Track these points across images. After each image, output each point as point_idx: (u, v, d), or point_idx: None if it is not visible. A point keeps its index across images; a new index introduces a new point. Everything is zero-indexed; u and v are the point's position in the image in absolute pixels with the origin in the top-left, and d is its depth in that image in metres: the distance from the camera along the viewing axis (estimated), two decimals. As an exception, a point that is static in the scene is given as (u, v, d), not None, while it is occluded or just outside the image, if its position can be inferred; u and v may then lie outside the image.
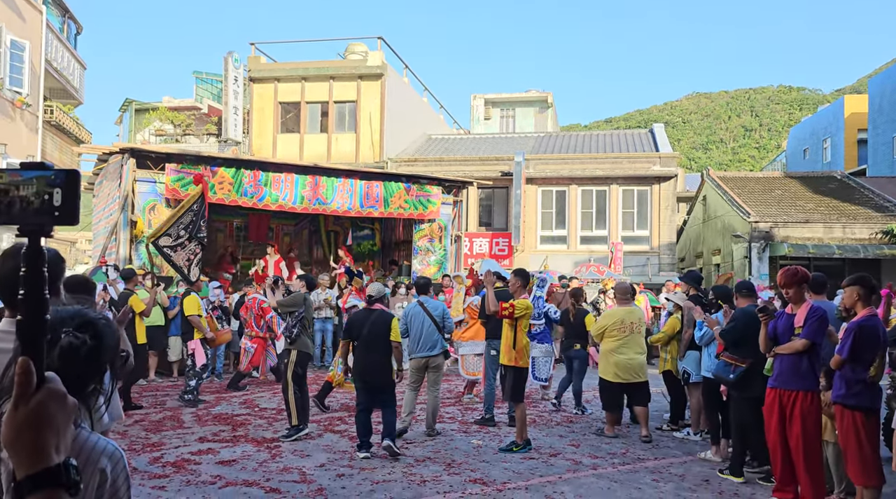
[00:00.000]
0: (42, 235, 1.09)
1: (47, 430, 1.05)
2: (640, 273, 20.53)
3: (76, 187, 1.09)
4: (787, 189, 22.60)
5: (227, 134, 24.69)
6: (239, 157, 16.83)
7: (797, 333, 5.15)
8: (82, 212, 5.03)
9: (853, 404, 4.73)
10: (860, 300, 4.91)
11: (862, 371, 4.76)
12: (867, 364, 4.75)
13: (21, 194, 1.07)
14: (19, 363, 1.04)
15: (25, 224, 1.08)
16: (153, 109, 31.15)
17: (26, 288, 1.07)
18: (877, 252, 18.31)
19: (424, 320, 7.49)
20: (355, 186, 15.06)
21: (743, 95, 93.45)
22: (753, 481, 5.93)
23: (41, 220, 1.08)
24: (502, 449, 6.80)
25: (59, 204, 1.08)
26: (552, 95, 36.94)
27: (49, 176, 1.08)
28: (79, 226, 6.49)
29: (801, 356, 5.08)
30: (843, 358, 4.80)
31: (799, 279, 5.26)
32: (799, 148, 39.49)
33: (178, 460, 6.26)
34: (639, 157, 22.76)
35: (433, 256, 16.19)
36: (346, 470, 6.07)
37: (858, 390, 4.73)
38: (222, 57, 24.47)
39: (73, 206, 1.08)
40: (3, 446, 1.05)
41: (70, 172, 1.10)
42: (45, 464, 1.04)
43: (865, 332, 4.76)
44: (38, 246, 1.08)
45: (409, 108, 26.61)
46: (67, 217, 1.08)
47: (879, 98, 29.83)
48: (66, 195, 1.08)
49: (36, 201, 1.07)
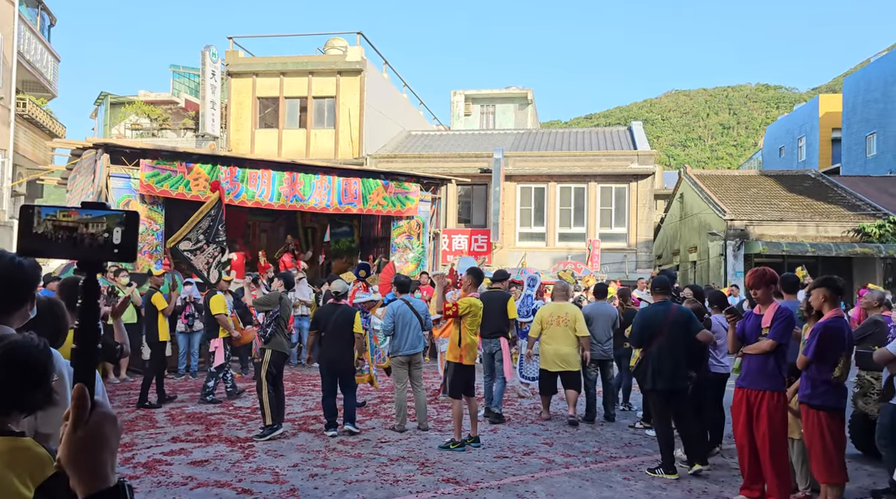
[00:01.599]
0: (99, 270, 1.19)
1: (104, 451, 1.13)
2: (618, 270, 20.70)
3: (135, 227, 1.19)
4: (763, 187, 22.90)
5: (204, 129, 24.47)
6: (216, 152, 16.66)
7: (764, 334, 5.24)
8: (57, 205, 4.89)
9: (818, 403, 4.82)
10: (826, 302, 5.00)
11: (827, 371, 4.85)
12: (832, 365, 4.84)
13: (88, 232, 1.16)
14: (75, 389, 1.12)
15: (86, 259, 1.17)
16: (129, 103, 30.74)
17: (81, 319, 1.16)
18: (848, 250, 18.63)
19: (412, 319, 7.75)
20: (333, 183, 14.99)
21: (721, 93, 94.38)
22: (721, 480, 6.02)
23: (101, 256, 1.17)
24: (441, 446, 6.87)
25: (118, 242, 1.17)
26: (532, 92, 37.05)
27: (113, 215, 1.17)
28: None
29: (767, 356, 5.16)
30: (808, 358, 4.89)
31: (767, 280, 5.33)
32: (775, 146, 40.01)
33: (149, 460, 6.21)
34: (617, 155, 22.92)
35: (411, 253, 16.18)
36: (319, 470, 6.06)
37: (823, 390, 4.82)
38: (200, 51, 24.24)
39: (131, 244, 1.18)
40: (64, 466, 1.12)
41: (130, 214, 1.20)
42: (105, 484, 1.12)
43: (831, 333, 4.85)
44: (95, 279, 1.18)
45: (388, 104, 26.54)
46: (126, 255, 1.18)
47: (853, 98, 30.30)
48: (125, 234, 1.18)
49: (99, 239, 1.16)
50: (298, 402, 9.36)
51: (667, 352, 6.13)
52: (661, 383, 6.13)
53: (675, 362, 6.12)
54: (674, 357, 6.12)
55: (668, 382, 6.12)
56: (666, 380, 6.12)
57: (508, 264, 20.57)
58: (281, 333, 7.55)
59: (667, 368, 6.11)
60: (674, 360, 6.12)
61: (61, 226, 1.15)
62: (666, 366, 6.11)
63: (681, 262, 23.98)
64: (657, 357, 6.17)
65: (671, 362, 6.11)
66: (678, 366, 6.14)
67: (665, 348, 6.13)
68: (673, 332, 6.16)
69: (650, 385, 6.21)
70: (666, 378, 6.12)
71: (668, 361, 6.11)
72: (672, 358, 6.12)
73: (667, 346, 6.14)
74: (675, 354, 6.14)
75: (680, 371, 6.17)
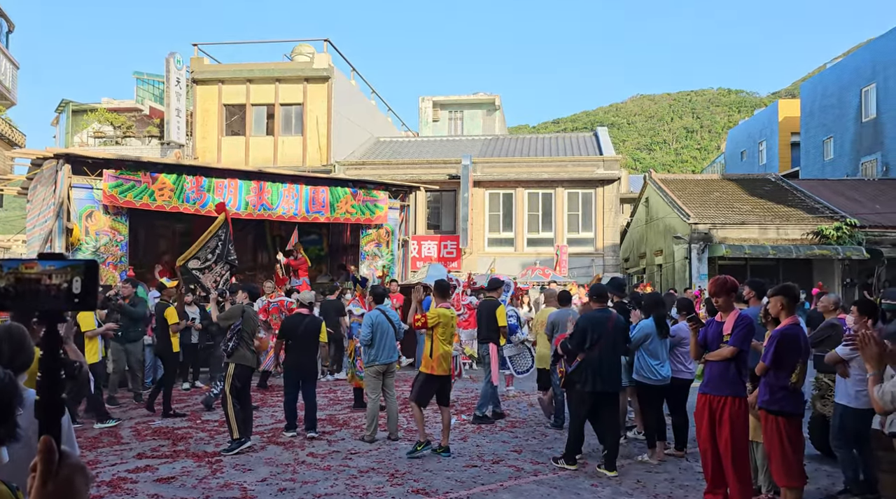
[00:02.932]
0: (59, 320, 1.20)
1: None
2: (585, 274, 20.91)
3: (96, 276, 1.20)
4: (725, 191, 23.36)
5: (169, 136, 24.15)
6: (181, 161, 16.47)
7: (726, 341, 5.37)
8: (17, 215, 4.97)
9: (776, 409, 4.95)
10: (784, 309, 5.13)
11: (784, 378, 4.97)
12: (790, 371, 4.97)
13: (49, 283, 1.17)
14: (42, 442, 1.12)
15: (46, 309, 1.18)
16: (91, 111, 30.18)
17: (43, 370, 1.16)
18: (808, 252, 19.10)
19: (388, 329, 7.85)
20: (301, 192, 14.93)
21: (685, 98, 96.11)
22: (685, 484, 6.14)
23: (61, 305, 1.18)
24: (409, 454, 7.00)
25: (78, 291, 1.18)
26: (500, 98, 37.31)
27: (73, 266, 1.18)
28: (13, 229, 6.37)
29: (729, 363, 5.29)
30: (766, 365, 5.02)
31: (728, 288, 5.46)
32: (737, 150, 40.85)
33: (113, 478, 6.12)
34: (583, 160, 23.20)
35: (381, 260, 16.17)
36: (288, 484, 6.03)
37: (781, 396, 4.95)
38: (164, 58, 23.92)
39: (91, 293, 1.19)
40: None
41: (90, 263, 1.20)
42: None
43: (787, 339, 4.98)
44: (55, 329, 1.18)
45: (356, 110, 26.49)
46: (86, 304, 1.20)
47: (811, 103, 31.10)
48: (85, 283, 1.19)
49: (60, 289, 1.17)
50: (267, 414, 9.30)
51: (608, 356, 6.51)
52: (601, 385, 6.46)
53: (613, 366, 6.56)
54: (612, 361, 6.55)
55: (606, 384, 6.50)
56: (605, 382, 6.48)
57: (478, 270, 20.66)
58: (245, 346, 7.50)
59: (606, 372, 6.49)
60: (612, 364, 6.55)
61: (24, 279, 1.16)
62: (605, 369, 6.49)
63: (647, 265, 24.33)
64: (598, 361, 6.48)
65: (610, 366, 6.52)
66: (615, 370, 6.58)
67: (606, 353, 6.50)
68: (614, 337, 6.56)
69: (590, 387, 6.48)
70: (605, 380, 6.48)
71: (608, 365, 6.51)
72: (611, 362, 6.54)
73: (608, 350, 6.51)
74: (614, 358, 6.58)
75: (616, 375, 6.60)
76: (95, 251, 12.61)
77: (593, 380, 6.46)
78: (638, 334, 6.85)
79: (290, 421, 8.00)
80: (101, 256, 12.68)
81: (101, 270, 12.54)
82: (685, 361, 7.04)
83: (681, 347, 6.97)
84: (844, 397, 5.67)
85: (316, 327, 8.28)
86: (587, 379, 6.51)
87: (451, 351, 7.33)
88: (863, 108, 27.12)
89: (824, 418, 6.83)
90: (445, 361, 7.16)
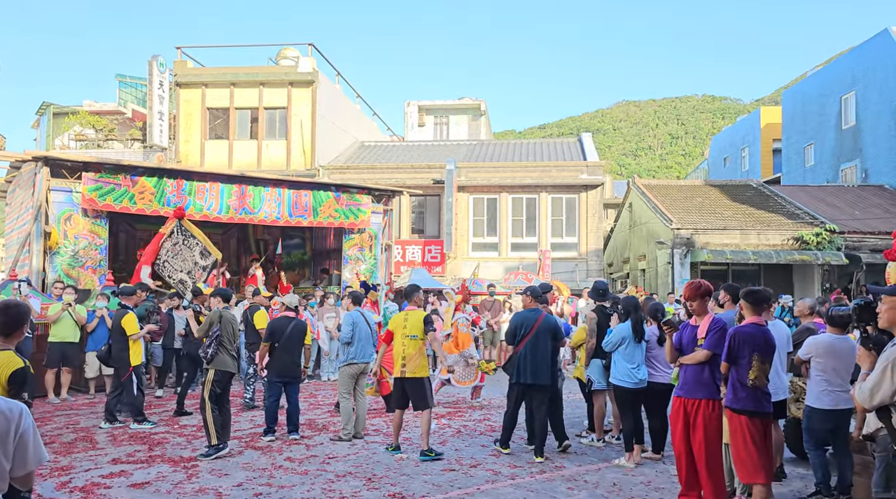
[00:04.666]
0: None
1: None
2: (569, 279, 20.98)
3: None
4: (708, 197, 23.55)
5: (152, 140, 24.01)
6: (163, 165, 16.39)
7: (700, 344, 5.42)
8: None
9: (739, 407, 5.03)
10: (746, 311, 5.24)
11: (744, 375, 5.04)
12: (747, 368, 5.02)
13: None
14: None
15: None
16: (73, 113, 29.92)
17: None
18: (788, 257, 19.29)
19: (366, 329, 8.13)
20: (283, 195, 14.88)
21: (670, 104, 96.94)
22: (661, 487, 6.17)
23: None
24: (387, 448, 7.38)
25: None
26: (485, 103, 37.40)
27: None
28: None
29: (703, 366, 5.34)
30: (722, 361, 5.14)
31: (702, 292, 5.52)
32: (720, 156, 41.20)
33: (87, 484, 6.05)
34: (567, 165, 23.30)
35: (363, 265, 16.15)
36: (264, 488, 6.00)
37: (744, 395, 5.02)
38: (147, 61, 23.80)
39: None
40: None
41: None
42: None
43: (741, 336, 5.05)
44: None
45: (341, 114, 26.47)
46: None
47: (792, 110, 31.45)
48: None
49: None
50: (246, 418, 9.25)
51: (531, 352, 7.09)
52: (524, 378, 7.08)
53: (538, 361, 7.07)
54: (536, 357, 7.08)
55: (531, 377, 7.06)
56: (529, 375, 7.06)
57: (461, 274, 20.68)
58: (225, 351, 7.45)
59: (531, 366, 7.06)
60: (536, 359, 7.07)
61: None
62: (530, 363, 7.07)
63: (630, 270, 24.46)
64: (524, 355, 7.10)
65: (534, 361, 7.07)
66: (540, 364, 7.07)
67: (531, 348, 7.09)
68: (539, 335, 7.12)
69: (515, 379, 7.18)
70: (529, 373, 7.06)
71: (533, 360, 7.08)
72: (535, 357, 7.08)
73: (531, 347, 7.09)
74: (539, 354, 7.09)
75: (542, 369, 7.08)
76: (74, 255, 12.50)
77: (518, 373, 7.11)
78: (614, 338, 6.90)
79: (269, 425, 8.01)
80: (80, 259, 12.57)
81: (80, 274, 12.45)
82: (662, 364, 7.09)
83: (656, 350, 7.01)
84: (810, 398, 5.78)
85: (301, 331, 8.33)
86: (515, 372, 7.15)
87: (412, 351, 7.19)
88: (843, 116, 27.46)
89: (798, 421, 6.90)
90: (407, 362, 7.15)
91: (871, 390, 3.52)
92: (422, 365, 7.18)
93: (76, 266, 12.48)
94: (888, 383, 3.44)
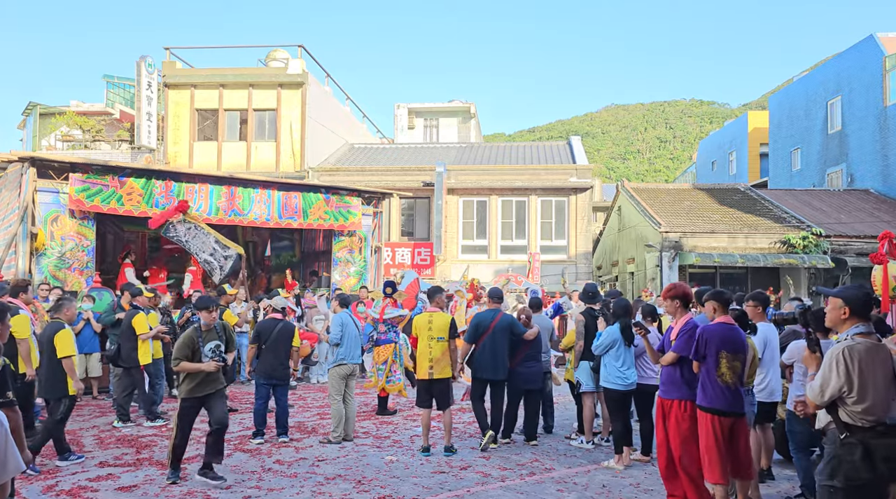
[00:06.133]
0: None
1: None
2: (558, 282, 21.04)
3: None
4: (696, 200, 23.71)
5: (140, 141, 23.86)
6: (151, 166, 16.29)
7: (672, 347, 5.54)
8: None
9: (705, 405, 5.16)
10: (715, 311, 5.36)
11: (712, 372, 5.14)
12: (715, 366, 5.13)
13: None
14: None
15: None
16: (60, 114, 29.67)
17: None
18: (775, 261, 19.45)
19: (355, 330, 8.28)
20: (273, 197, 14.82)
21: (658, 108, 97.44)
22: (650, 489, 6.20)
23: None
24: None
25: None
26: (475, 106, 37.46)
27: None
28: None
29: (675, 367, 5.47)
30: (689, 359, 5.27)
31: (673, 294, 5.64)
32: (707, 160, 41.47)
33: (73, 488, 6.00)
34: (557, 169, 23.38)
35: (353, 267, 16.11)
36: (253, 491, 5.97)
37: (711, 393, 5.13)
38: (135, 61, 23.66)
39: None
40: None
41: None
42: None
43: (707, 333, 5.18)
44: None
45: (331, 116, 26.42)
46: None
47: (779, 114, 31.72)
48: None
49: None
50: (235, 421, 9.19)
51: (489, 348, 7.60)
52: (481, 373, 7.66)
53: (496, 357, 7.59)
54: (494, 353, 7.59)
55: (489, 372, 7.61)
56: (488, 370, 7.62)
57: (451, 277, 20.71)
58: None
59: (489, 362, 7.60)
60: (494, 355, 7.59)
61: None
62: (488, 359, 7.60)
63: (619, 273, 24.56)
64: (482, 352, 7.64)
65: (492, 357, 7.59)
66: (498, 360, 7.60)
67: (489, 346, 7.60)
68: (496, 333, 7.61)
69: (476, 374, 7.72)
70: (488, 369, 7.61)
71: (492, 357, 7.59)
72: (493, 354, 7.59)
73: (489, 344, 7.60)
74: (496, 350, 7.60)
75: (499, 364, 7.61)
76: (61, 256, 12.40)
77: (477, 368, 7.69)
78: (605, 340, 6.93)
79: (258, 428, 8.02)
80: (67, 261, 12.47)
81: (67, 275, 12.35)
82: (651, 367, 7.12)
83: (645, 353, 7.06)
84: (790, 401, 5.85)
85: (289, 332, 8.34)
86: (476, 367, 7.72)
87: (438, 354, 7.35)
88: (829, 121, 27.73)
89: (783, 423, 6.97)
90: (434, 364, 7.33)
91: (821, 387, 3.70)
92: (447, 366, 7.39)
93: (63, 267, 12.39)
94: (835, 379, 3.64)
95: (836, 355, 3.68)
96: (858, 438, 3.59)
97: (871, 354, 3.66)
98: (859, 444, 3.58)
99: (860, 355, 3.63)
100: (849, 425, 3.64)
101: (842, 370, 3.62)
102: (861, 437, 3.59)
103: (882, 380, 3.63)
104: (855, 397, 3.61)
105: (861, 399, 3.60)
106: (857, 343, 3.68)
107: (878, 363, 3.65)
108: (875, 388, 3.60)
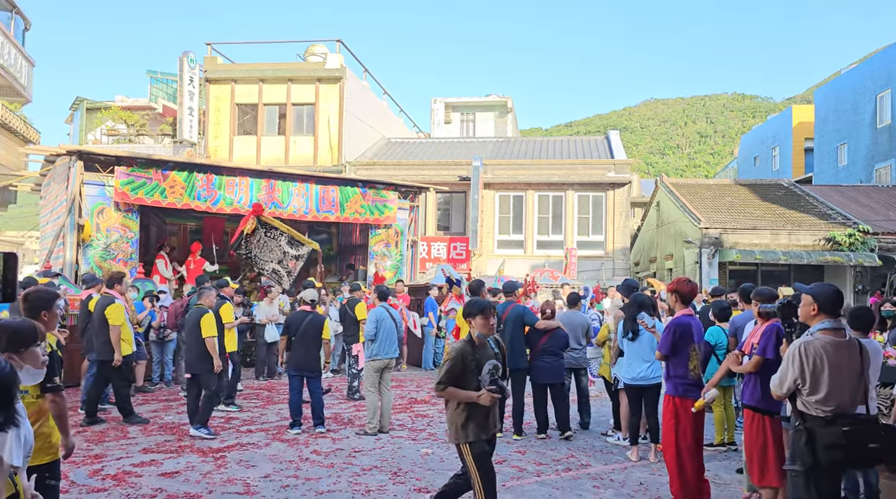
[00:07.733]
0: None
1: None
2: (595, 278, 20.86)
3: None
4: (737, 196, 23.22)
5: (182, 135, 24.33)
6: (193, 159, 16.59)
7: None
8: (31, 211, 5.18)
9: (764, 408, 5.11)
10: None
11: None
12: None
13: None
14: None
15: None
16: (105, 109, 30.44)
17: None
18: (819, 258, 18.95)
19: (391, 325, 8.32)
20: (311, 191, 15.00)
21: (698, 102, 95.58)
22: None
23: None
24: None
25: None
26: (512, 100, 37.29)
27: None
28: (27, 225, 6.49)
29: (665, 363, 5.58)
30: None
31: (672, 288, 5.65)
32: (749, 155, 40.59)
33: (118, 472, 6.16)
34: (594, 163, 23.14)
35: (389, 260, 16.21)
36: (291, 481, 6.06)
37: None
38: (178, 57, 24.10)
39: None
40: None
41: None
42: None
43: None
44: None
45: (368, 111, 26.56)
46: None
47: (825, 108, 30.86)
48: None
49: None
50: (273, 411, 9.34)
51: (504, 339, 7.41)
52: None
53: (512, 346, 7.73)
54: (509, 343, 7.72)
55: (508, 362, 7.49)
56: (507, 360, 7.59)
57: (487, 272, 20.66)
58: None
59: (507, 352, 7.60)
60: (510, 345, 7.69)
61: None
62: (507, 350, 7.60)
63: (657, 269, 24.22)
64: None
65: (508, 347, 7.43)
66: (514, 349, 7.82)
67: (503, 337, 7.57)
68: (507, 323, 7.93)
69: None
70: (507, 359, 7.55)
71: (508, 347, 7.40)
72: (508, 344, 7.64)
73: (503, 335, 7.65)
74: (511, 340, 7.82)
75: (515, 353, 7.85)
76: (106, 248, 12.73)
77: None
78: (620, 334, 7.10)
79: (294, 418, 8.09)
80: (112, 252, 12.80)
81: (112, 266, 12.68)
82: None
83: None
84: None
85: (319, 325, 8.34)
86: None
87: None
88: (878, 115, 26.88)
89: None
90: None
91: (780, 380, 4.01)
92: None
93: (108, 258, 12.72)
94: (791, 372, 3.93)
95: (793, 351, 3.95)
96: (808, 426, 3.86)
97: (831, 350, 3.87)
98: (804, 431, 3.85)
99: (815, 351, 3.87)
100: (803, 414, 3.91)
101: (797, 364, 3.89)
102: (810, 425, 3.86)
103: (846, 374, 3.85)
104: (808, 389, 3.87)
105: (813, 391, 3.85)
106: (816, 339, 3.92)
107: (840, 358, 3.86)
108: (831, 381, 3.82)
